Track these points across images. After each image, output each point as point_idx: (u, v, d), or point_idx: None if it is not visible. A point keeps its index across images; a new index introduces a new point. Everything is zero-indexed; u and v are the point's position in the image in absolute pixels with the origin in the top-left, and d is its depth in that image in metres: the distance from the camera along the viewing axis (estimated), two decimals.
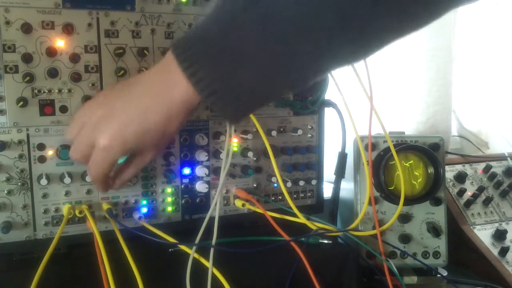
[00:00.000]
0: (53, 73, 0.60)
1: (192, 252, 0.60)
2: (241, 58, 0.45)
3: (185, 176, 0.70)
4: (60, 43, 0.60)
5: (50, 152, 0.62)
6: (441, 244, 0.82)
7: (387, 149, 0.80)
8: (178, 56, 0.47)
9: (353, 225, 0.75)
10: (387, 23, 0.44)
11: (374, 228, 0.78)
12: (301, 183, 0.77)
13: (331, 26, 0.43)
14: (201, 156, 0.69)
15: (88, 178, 0.63)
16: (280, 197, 0.77)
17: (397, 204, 0.77)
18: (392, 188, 0.80)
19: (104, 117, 0.52)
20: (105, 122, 0.52)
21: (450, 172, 0.97)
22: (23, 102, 0.59)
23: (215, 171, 0.71)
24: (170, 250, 0.64)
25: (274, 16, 0.43)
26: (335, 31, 0.43)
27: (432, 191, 0.81)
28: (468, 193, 0.95)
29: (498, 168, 1.00)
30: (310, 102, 0.76)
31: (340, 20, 0.43)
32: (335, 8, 0.42)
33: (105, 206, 0.65)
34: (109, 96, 0.54)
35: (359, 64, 0.72)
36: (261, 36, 0.44)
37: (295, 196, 0.78)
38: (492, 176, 0.98)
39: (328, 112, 0.79)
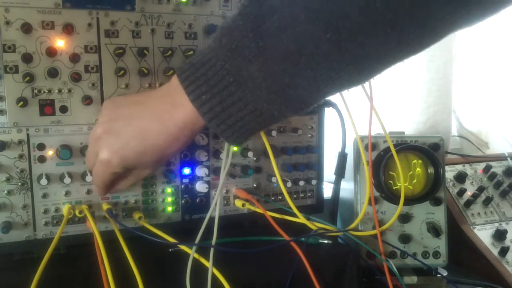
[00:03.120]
0: (53, 73, 0.60)
1: (192, 252, 0.60)
2: (241, 84, 0.46)
3: (185, 176, 0.70)
4: (60, 43, 0.60)
5: (50, 152, 0.62)
6: (441, 244, 0.82)
7: (387, 149, 0.80)
8: (183, 81, 0.49)
9: (353, 225, 0.75)
10: (385, 48, 0.43)
11: (374, 228, 0.78)
12: (301, 183, 0.77)
13: (329, 53, 0.43)
14: (201, 156, 0.69)
15: (88, 178, 0.63)
16: (280, 197, 0.77)
17: (397, 204, 0.77)
18: (392, 188, 0.80)
19: (107, 132, 0.54)
20: (108, 137, 0.54)
21: (450, 172, 0.97)
22: (23, 102, 0.59)
23: (215, 171, 0.71)
24: (170, 250, 0.64)
25: (273, 44, 0.44)
26: (333, 57, 0.43)
27: (432, 191, 0.81)
28: (468, 193, 0.95)
29: (498, 168, 1.00)
30: None
31: (337, 47, 0.42)
32: (332, 39, 0.42)
33: (105, 206, 0.65)
34: (114, 114, 0.56)
35: None
36: (262, 65, 0.44)
37: (295, 196, 0.78)
38: (492, 176, 0.98)
39: (328, 112, 0.79)
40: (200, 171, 0.70)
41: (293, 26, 0.43)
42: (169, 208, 0.70)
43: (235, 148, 0.72)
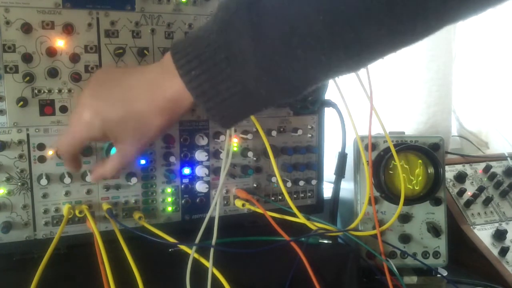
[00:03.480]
0: (53, 73, 0.60)
1: (192, 252, 0.60)
2: (233, 61, 0.45)
3: (185, 176, 0.70)
4: (60, 43, 0.60)
5: (50, 152, 0.62)
6: (441, 244, 0.82)
7: (387, 149, 0.80)
8: (174, 55, 0.48)
9: (353, 225, 0.75)
10: (378, 35, 0.43)
11: (374, 228, 0.78)
12: (301, 183, 0.77)
13: (321, 35, 0.43)
14: (201, 156, 0.69)
15: (88, 178, 0.63)
16: (280, 197, 0.77)
17: (397, 204, 0.77)
18: (392, 188, 0.80)
19: (93, 95, 0.52)
20: (93, 99, 0.52)
21: (450, 172, 0.97)
22: (23, 102, 0.59)
23: (215, 171, 0.71)
24: (170, 250, 0.64)
25: (267, 21, 0.43)
26: (324, 40, 0.43)
27: (432, 191, 0.81)
28: (468, 193, 0.95)
29: (498, 168, 1.00)
30: (310, 102, 0.76)
31: (330, 29, 0.42)
32: (325, 21, 0.42)
33: (105, 206, 0.65)
34: (104, 79, 0.54)
35: None
36: (253, 40, 0.44)
37: (295, 196, 0.78)
38: (492, 176, 0.98)
39: (328, 112, 0.79)
40: (200, 171, 0.70)
41: (288, 5, 0.43)
42: (169, 208, 0.70)
43: (235, 148, 0.72)
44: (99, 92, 0.52)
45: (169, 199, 0.69)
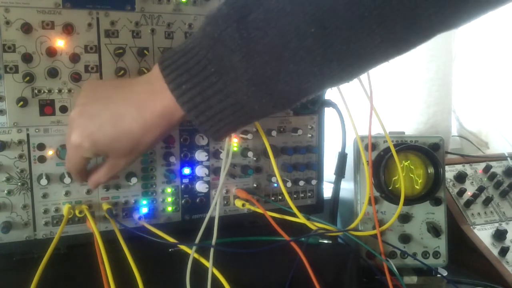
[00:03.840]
0: (53, 73, 0.60)
1: (192, 252, 0.60)
2: (225, 76, 0.45)
3: (185, 176, 0.70)
4: (60, 43, 0.60)
5: (50, 152, 0.62)
6: (441, 244, 0.82)
7: (387, 149, 0.80)
8: (164, 69, 0.47)
9: (353, 225, 0.75)
10: (370, 45, 0.43)
11: (374, 228, 0.78)
12: (301, 183, 0.77)
13: (313, 48, 0.42)
14: (201, 156, 0.69)
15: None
16: (280, 197, 0.77)
17: (397, 204, 0.77)
18: (392, 188, 0.80)
19: (82, 115, 0.52)
20: (82, 120, 0.52)
21: (450, 172, 0.97)
22: (23, 102, 0.59)
23: (215, 171, 0.71)
24: (170, 250, 0.64)
25: (257, 36, 0.43)
26: (316, 52, 0.42)
27: (432, 191, 0.81)
28: (468, 193, 0.95)
29: (498, 168, 1.00)
30: (310, 102, 0.76)
31: (321, 42, 0.42)
32: (317, 33, 0.42)
33: (105, 206, 0.65)
34: (92, 97, 0.54)
35: None
36: (244, 56, 0.44)
37: (295, 196, 0.78)
38: (492, 176, 0.98)
39: (328, 112, 0.79)
40: (200, 171, 0.70)
41: (278, 19, 0.42)
42: (169, 208, 0.70)
43: (235, 148, 0.72)
44: (87, 111, 0.52)
45: (169, 199, 0.69)
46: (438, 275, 0.80)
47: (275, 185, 0.75)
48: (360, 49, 0.43)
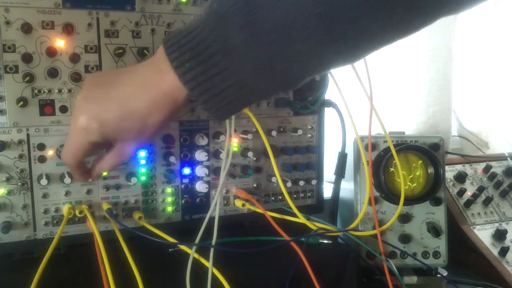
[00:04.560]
0: (53, 73, 0.60)
1: (192, 252, 0.60)
2: (230, 54, 0.45)
3: (185, 176, 0.70)
4: (60, 43, 0.60)
5: (50, 152, 0.62)
6: (441, 244, 0.82)
7: (387, 149, 0.80)
8: (167, 49, 0.47)
9: (353, 225, 0.75)
10: (375, 26, 0.43)
11: (374, 228, 0.78)
12: (301, 183, 0.77)
13: (319, 27, 0.42)
14: (201, 156, 0.69)
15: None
16: (280, 197, 0.77)
17: (397, 204, 0.77)
18: (392, 188, 0.80)
19: (87, 98, 0.52)
20: (88, 102, 0.51)
21: (450, 172, 0.97)
22: (23, 102, 0.59)
23: (215, 171, 0.71)
24: (170, 250, 0.64)
25: (264, 14, 0.43)
26: (322, 32, 0.43)
27: (432, 191, 0.81)
28: (468, 193, 0.95)
29: (498, 168, 1.00)
30: (310, 102, 0.76)
31: (327, 22, 0.42)
32: (324, 13, 0.42)
33: (105, 206, 0.65)
34: (97, 82, 0.53)
35: (359, 64, 0.72)
36: (251, 34, 0.43)
37: (295, 196, 0.78)
38: (492, 176, 0.98)
39: (328, 112, 0.79)
40: (200, 171, 0.70)
41: None
42: (169, 208, 0.70)
43: (235, 148, 0.72)
44: (93, 94, 0.52)
45: (169, 199, 0.69)
46: (438, 275, 0.80)
47: (275, 185, 0.75)
48: (365, 29, 0.43)
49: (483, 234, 0.90)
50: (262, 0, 0.43)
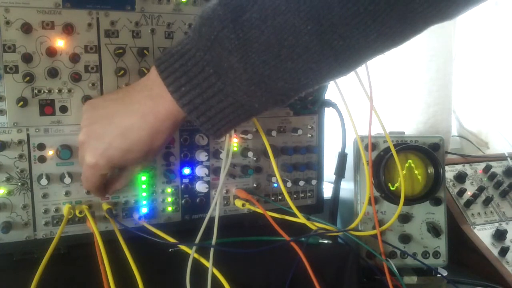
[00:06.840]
0: (53, 73, 0.60)
1: (192, 252, 0.60)
2: (223, 76, 0.45)
3: (185, 176, 0.70)
4: (60, 43, 0.60)
5: (50, 152, 0.62)
6: (441, 244, 0.82)
7: (387, 149, 0.80)
8: (161, 72, 0.48)
9: (353, 225, 0.75)
10: (366, 39, 0.43)
11: (374, 228, 0.78)
12: (301, 183, 0.77)
13: (310, 45, 0.43)
14: (201, 156, 0.69)
15: None
16: (280, 197, 0.77)
17: (397, 204, 0.77)
18: (392, 188, 0.80)
19: (89, 136, 0.54)
20: (91, 140, 0.54)
21: (450, 172, 0.97)
22: (23, 102, 0.59)
23: (215, 171, 0.71)
24: (170, 250, 0.64)
25: (254, 35, 0.43)
26: (313, 49, 0.43)
27: (432, 191, 0.81)
28: (468, 193, 0.95)
29: (498, 168, 1.00)
30: (310, 102, 0.76)
31: (318, 39, 0.42)
32: (313, 31, 0.42)
33: (105, 206, 0.65)
34: (94, 116, 0.55)
35: None
36: (242, 57, 0.44)
37: (295, 196, 0.78)
38: (492, 176, 0.98)
39: (328, 112, 0.79)
40: (200, 171, 0.70)
41: (273, 17, 0.42)
42: (169, 208, 0.70)
43: (235, 148, 0.72)
44: (94, 132, 0.54)
45: (169, 199, 0.69)
46: (438, 275, 0.80)
47: (275, 185, 0.75)
48: (356, 44, 0.43)
49: (483, 234, 0.90)
50: (250, 22, 0.43)
